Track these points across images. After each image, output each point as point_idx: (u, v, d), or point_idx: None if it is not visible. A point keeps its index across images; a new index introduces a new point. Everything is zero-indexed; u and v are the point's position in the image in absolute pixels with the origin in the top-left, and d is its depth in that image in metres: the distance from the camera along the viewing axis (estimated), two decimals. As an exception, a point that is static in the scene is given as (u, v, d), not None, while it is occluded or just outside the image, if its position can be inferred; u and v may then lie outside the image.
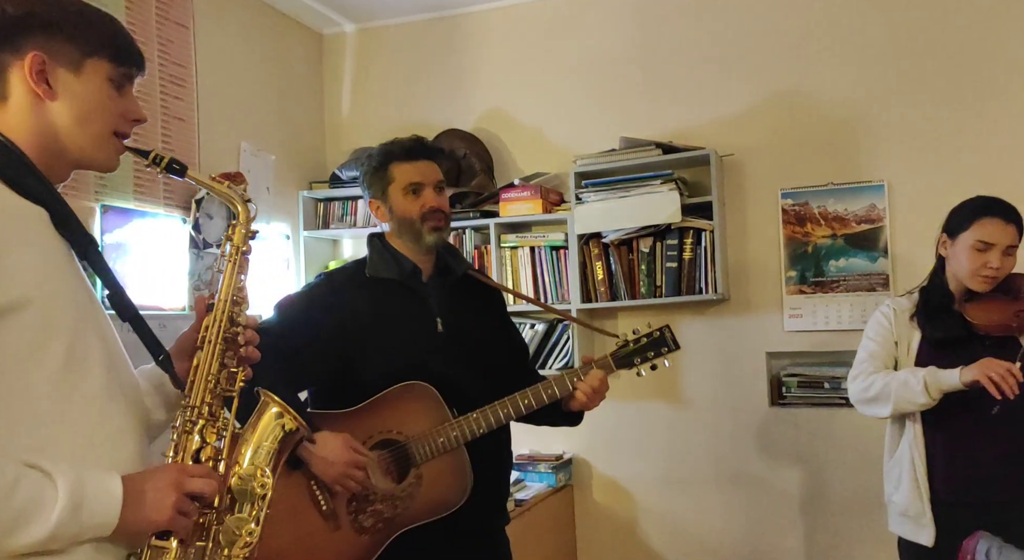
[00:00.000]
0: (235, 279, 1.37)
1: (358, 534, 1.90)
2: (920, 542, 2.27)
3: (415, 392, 1.96)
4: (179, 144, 3.17)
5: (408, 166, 2.07)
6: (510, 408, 1.98)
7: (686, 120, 3.54)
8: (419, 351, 2.01)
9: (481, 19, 3.88)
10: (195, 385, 1.29)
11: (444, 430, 1.94)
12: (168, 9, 3.17)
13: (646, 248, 3.40)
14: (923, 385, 2.18)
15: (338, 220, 3.88)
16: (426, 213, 2.04)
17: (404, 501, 1.92)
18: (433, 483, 1.94)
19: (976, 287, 2.28)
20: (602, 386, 2.04)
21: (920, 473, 2.27)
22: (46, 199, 1.20)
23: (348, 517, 1.90)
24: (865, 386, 2.33)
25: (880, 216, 3.29)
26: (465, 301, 2.14)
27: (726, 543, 3.47)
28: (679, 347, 2.13)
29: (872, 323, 2.45)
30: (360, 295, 2.04)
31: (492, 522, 2.13)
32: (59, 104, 1.21)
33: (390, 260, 2.08)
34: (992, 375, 2.06)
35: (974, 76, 3.21)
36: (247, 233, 1.40)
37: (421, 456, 1.93)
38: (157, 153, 1.34)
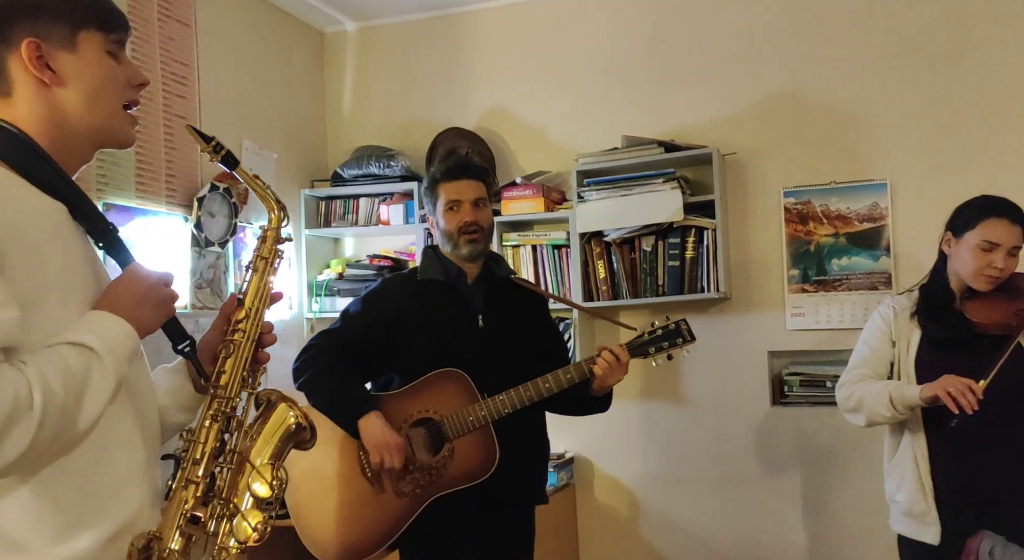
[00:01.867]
0: (267, 279, 1.40)
1: (399, 498, 2.23)
2: (925, 541, 2.26)
3: (450, 377, 2.26)
4: (181, 142, 3.16)
5: (449, 186, 2.38)
6: (532, 390, 2.24)
7: (688, 119, 3.53)
8: (459, 342, 2.31)
9: (483, 17, 3.87)
10: (226, 375, 1.31)
11: (473, 410, 2.23)
12: (170, 7, 3.16)
13: (648, 247, 3.40)
14: (889, 400, 2.22)
15: (340, 218, 3.88)
16: (462, 227, 2.34)
17: (438, 471, 2.23)
18: (464, 456, 2.23)
19: (979, 286, 2.28)
20: (614, 360, 2.24)
21: (923, 472, 2.27)
22: (64, 191, 1.20)
23: (391, 482, 2.23)
24: (847, 396, 2.36)
25: (882, 215, 3.29)
26: (508, 303, 2.43)
27: (727, 542, 3.47)
28: (694, 339, 2.34)
29: (869, 325, 2.46)
30: (411, 295, 2.37)
31: (523, 499, 2.40)
32: (64, 87, 1.20)
33: (439, 265, 2.39)
34: (951, 390, 2.08)
35: (977, 75, 3.20)
36: (277, 237, 1.43)
37: (453, 432, 2.24)
38: (219, 142, 1.37)
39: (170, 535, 1.19)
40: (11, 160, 1.17)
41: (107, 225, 1.25)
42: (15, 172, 1.16)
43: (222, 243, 3.29)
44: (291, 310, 3.76)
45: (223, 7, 3.47)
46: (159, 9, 3.10)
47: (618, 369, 2.26)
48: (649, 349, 2.31)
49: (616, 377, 2.27)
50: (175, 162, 3.15)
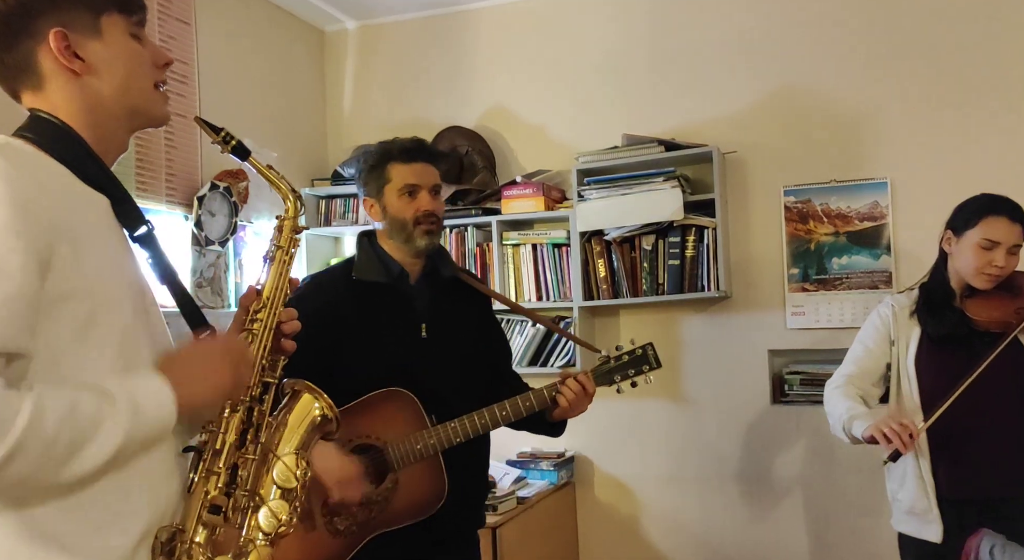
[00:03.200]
0: (286, 271, 1.38)
1: (332, 536, 1.92)
2: (928, 539, 2.26)
3: (395, 399, 1.98)
4: (181, 141, 3.17)
5: (405, 168, 2.08)
6: (487, 419, 2.00)
7: (689, 117, 3.53)
8: (401, 357, 2.03)
9: (483, 16, 3.87)
10: None
11: (422, 437, 1.96)
12: (170, 5, 3.16)
13: (648, 245, 3.39)
14: (843, 428, 2.27)
15: (340, 217, 3.88)
16: (420, 216, 2.05)
17: (380, 505, 1.95)
18: (409, 488, 1.96)
19: (979, 285, 2.28)
20: (584, 394, 2.04)
21: (924, 470, 2.27)
22: (106, 185, 1.19)
23: (323, 519, 1.92)
24: (827, 397, 2.40)
25: (883, 213, 3.28)
26: (452, 305, 2.15)
27: (728, 541, 3.47)
28: (660, 365, 2.13)
29: (867, 324, 2.47)
30: (346, 297, 2.06)
31: (466, 525, 2.16)
32: (95, 76, 1.18)
33: (377, 262, 2.09)
34: (885, 430, 2.10)
35: (977, 73, 3.20)
36: (294, 226, 1.41)
37: (398, 462, 1.96)
38: (228, 132, 1.35)
39: (191, 526, 1.16)
40: (57, 152, 1.15)
41: (146, 222, 1.23)
42: (62, 164, 1.15)
43: (222, 242, 3.29)
44: (291, 309, 3.75)
45: (223, 5, 3.47)
46: (159, 7, 3.10)
47: (584, 400, 2.05)
48: (615, 377, 2.09)
49: (582, 408, 2.06)
50: (175, 160, 3.15)
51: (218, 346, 1.19)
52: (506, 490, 3.19)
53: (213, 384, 1.16)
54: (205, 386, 1.15)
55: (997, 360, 2.17)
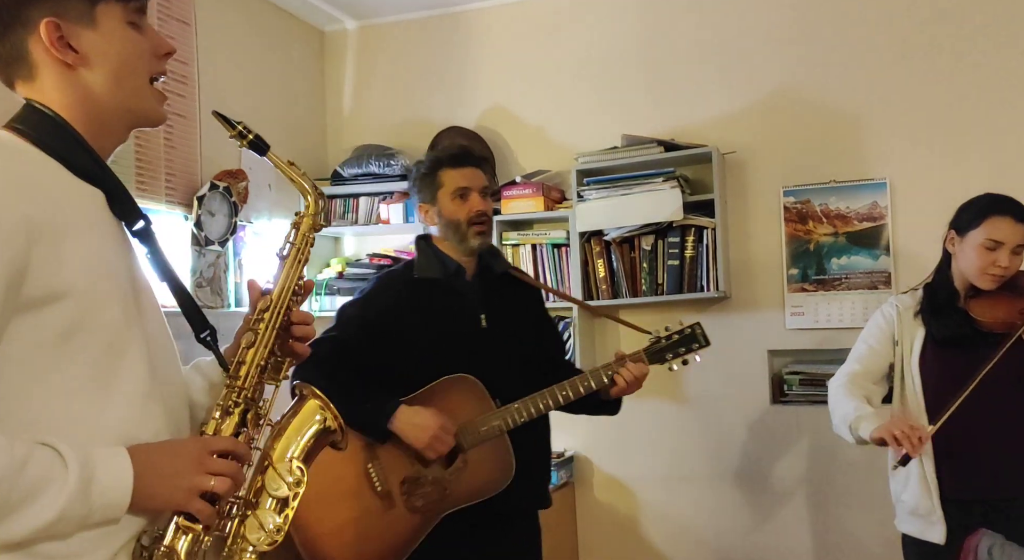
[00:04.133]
0: (298, 268, 1.33)
1: (410, 513, 2.10)
2: (931, 540, 2.25)
3: (462, 384, 2.14)
4: (181, 141, 3.17)
5: (456, 172, 2.24)
6: (549, 399, 2.14)
7: (688, 118, 3.53)
8: (464, 345, 2.19)
9: (483, 16, 3.87)
10: (244, 366, 1.22)
11: (488, 419, 2.11)
12: (170, 6, 3.16)
13: (648, 246, 3.40)
14: (849, 428, 2.26)
15: (340, 217, 3.88)
16: (472, 217, 2.21)
17: (452, 484, 2.10)
18: (478, 468, 2.12)
19: (983, 285, 2.28)
20: (641, 374, 2.19)
21: (928, 471, 2.26)
22: (101, 178, 1.14)
23: (401, 497, 2.10)
24: (831, 394, 2.39)
25: (882, 214, 3.29)
26: (506, 298, 2.31)
27: (727, 541, 3.47)
28: (709, 343, 2.28)
29: (870, 324, 2.46)
30: (409, 295, 2.23)
31: (532, 505, 2.30)
32: (89, 68, 1.13)
33: (435, 261, 2.25)
34: (896, 433, 2.10)
35: (976, 73, 3.20)
36: (314, 224, 1.37)
37: (467, 443, 2.11)
38: (245, 126, 1.30)
39: (172, 533, 1.10)
40: (47, 145, 1.10)
41: (141, 216, 1.18)
42: (51, 157, 1.10)
43: (222, 242, 3.29)
44: (291, 309, 3.75)
45: (223, 6, 3.47)
46: (159, 8, 3.10)
47: (641, 379, 2.20)
48: (667, 355, 2.23)
49: (635, 388, 2.20)
50: (175, 160, 3.15)
51: (195, 450, 1.11)
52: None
53: (173, 489, 1.07)
54: (166, 488, 1.07)
55: (1002, 361, 2.16)
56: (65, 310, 1.03)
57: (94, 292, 1.06)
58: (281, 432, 1.25)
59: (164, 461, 1.07)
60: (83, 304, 1.05)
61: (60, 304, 1.03)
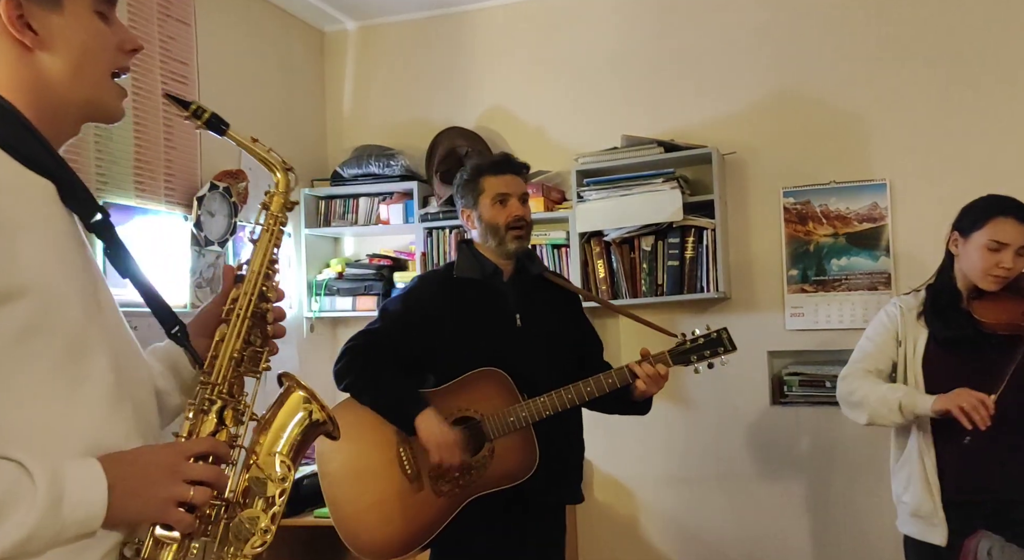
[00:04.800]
0: (269, 251, 1.26)
1: (437, 497, 2.21)
2: (933, 542, 2.25)
3: (490, 376, 2.25)
4: (180, 141, 3.17)
5: (496, 179, 2.35)
6: (574, 394, 2.22)
7: (688, 118, 3.53)
8: (498, 342, 2.29)
9: (483, 17, 3.87)
10: (218, 361, 1.16)
11: (514, 410, 2.21)
12: (170, 6, 3.16)
13: (648, 246, 3.40)
14: (898, 406, 2.22)
15: (339, 218, 3.88)
16: (511, 222, 2.32)
17: (478, 471, 2.21)
18: (503, 457, 2.22)
19: (987, 286, 2.27)
20: (657, 374, 2.25)
21: (931, 473, 2.26)
22: (52, 169, 1.05)
23: (429, 481, 2.22)
24: (850, 390, 2.35)
25: (882, 215, 3.29)
26: (542, 299, 2.40)
27: (727, 542, 3.47)
28: (735, 349, 2.31)
29: (874, 322, 2.45)
30: (448, 294, 2.35)
31: (559, 498, 2.39)
32: (48, 51, 1.05)
33: (475, 263, 2.37)
34: (964, 405, 2.08)
35: (976, 74, 3.20)
36: (285, 203, 1.28)
37: (494, 432, 2.22)
38: (199, 105, 1.21)
39: (151, 546, 1.03)
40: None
41: (98, 208, 1.10)
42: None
43: (222, 242, 3.29)
44: (291, 309, 3.76)
45: (223, 6, 3.47)
46: (159, 8, 3.10)
47: (660, 379, 2.26)
48: (692, 357, 2.30)
49: (657, 387, 2.27)
50: (174, 161, 3.15)
51: (170, 458, 1.04)
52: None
53: (148, 500, 1.00)
54: (141, 500, 1.00)
55: (1005, 363, 2.15)
56: (21, 310, 0.97)
57: (52, 290, 1.00)
58: (266, 427, 1.19)
59: (137, 471, 1.00)
60: (41, 303, 0.98)
61: (16, 304, 0.96)
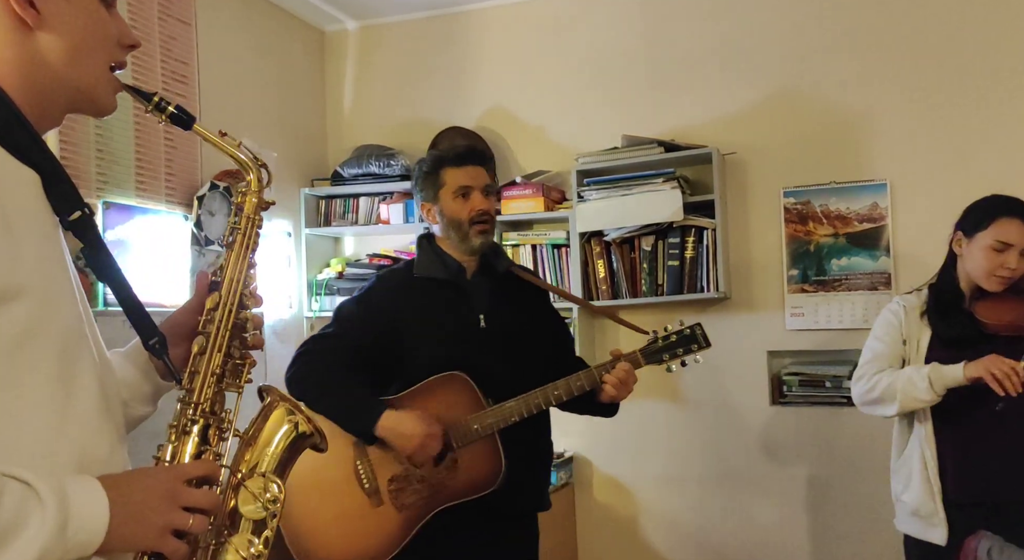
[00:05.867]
0: (246, 255, 1.18)
1: (398, 511, 2.07)
2: (932, 541, 2.25)
3: (453, 382, 2.11)
4: (180, 141, 3.17)
5: (458, 171, 2.20)
6: (540, 398, 2.10)
7: (688, 118, 3.53)
8: (461, 345, 2.16)
9: (483, 17, 3.87)
10: (199, 377, 1.09)
11: (479, 418, 2.07)
12: (170, 5, 3.16)
13: (648, 246, 3.40)
14: (928, 382, 2.17)
15: (340, 217, 3.88)
16: (474, 216, 2.17)
17: (441, 482, 2.07)
18: (468, 466, 2.08)
19: (991, 287, 2.26)
20: (628, 377, 2.14)
21: (931, 472, 2.25)
22: (37, 159, 0.99)
23: (389, 495, 2.07)
24: (869, 387, 2.31)
25: (882, 215, 3.29)
26: (508, 297, 2.27)
27: (726, 541, 3.47)
28: (710, 345, 2.23)
29: (880, 322, 2.43)
30: (409, 294, 2.20)
31: (527, 506, 2.26)
32: (48, 32, 0.99)
33: (436, 260, 2.22)
34: (995, 372, 2.06)
35: (976, 74, 3.20)
36: (260, 203, 1.21)
37: (457, 441, 2.07)
38: (161, 97, 1.13)
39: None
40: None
41: (82, 206, 1.03)
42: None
43: (222, 242, 3.29)
44: (291, 309, 3.76)
45: (224, 6, 3.47)
46: (159, 8, 3.10)
47: (629, 382, 2.15)
48: (663, 356, 2.20)
49: (627, 391, 2.15)
50: (175, 160, 3.15)
51: (167, 482, 0.98)
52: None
53: (146, 528, 0.94)
54: (138, 527, 0.93)
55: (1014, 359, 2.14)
56: (21, 311, 0.91)
57: (48, 292, 0.95)
58: (249, 444, 1.12)
59: (135, 496, 0.94)
60: (38, 305, 0.93)
61: (15, 304, 0.90)
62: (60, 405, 0.96)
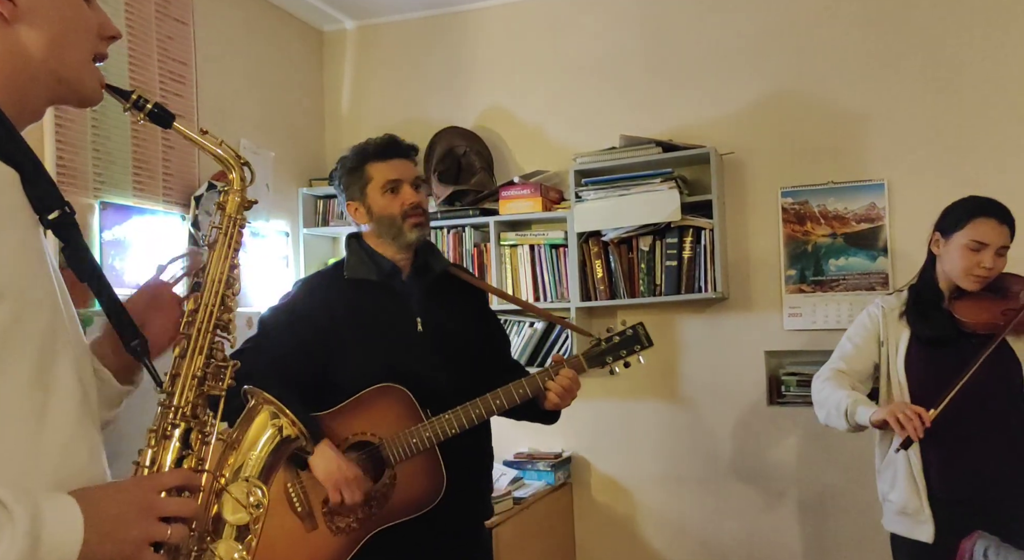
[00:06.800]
0: (229, 256, 1.15)
1: (333, 534, 1.93)
2: (920, 539, 2.28)
3: (389, 394, 1.98)
4: (178, 141, 3.16)
5: (383, 165, 2.08)
6: (482, 408, 2.00)
7: (686, 118, 3.53)
8: (399, 352, 2.03)
9: (482, 16, 3.87)
10: (180, 379, 1.07)
11: (417, 431, 1.96)
12: (168, 5, 3.16)
13: (646, 246, 3.40)
14: (845, 413, 2.28)
15: (338, 217, 3.88)
16: (407, 210, 2.05)
17: (379, 501, 1.95)
18: (407, 483, 1.96)
19: (968, 286, 2.31)
20: (572, 385, 2.05)
21: (916, 470, 2.29)
22: (16, 156, 0.96)
23: (323, 517, 1.93)
24: (818, 388, 2.41)
25: (880, 215, 3.29)
26: (445, 298, 2.14)
27: (724, 541, 3.47)
28: (652, 344, 2.14)
29: (855, 324, 2.49)
30: (339, 298, 2.06)
31: (472, 518, 2.15)
32: (26, 24, 0.98)
33: (368, 261, 2.09)
34: (899, 416, 2.12)
35: (974, 75, 3.20)
36: (243, 202, 1.19)
37: (395, 457, 1.96)
38: (140, 95, 1.11)
39: None
40: None
41: (62, 205, 1.00)
42: None
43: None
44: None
45: (221, 5, 3.47)
46: (157, 7, 3.10)
47: (573, 389, 2.05)
48: (607, 358, 2.11)
49: (571, 398, 2.06)
50: (172, 161, 3.15)
51: (142, 494, 0.95)
52: (503, 490, 3.19)
53: (121, 543, 0.91)
54: (113, 543, 0.91)
55: (987, 361, 2.18)
56: (2, 310, 0.89)
57: (26, 292, 0.92)
58: (232, 448, 1.10)
59: (111, 511, 0.91)
60: (15, 307, 0.90)
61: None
62: (38, 411, 0.93)
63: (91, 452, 1.01)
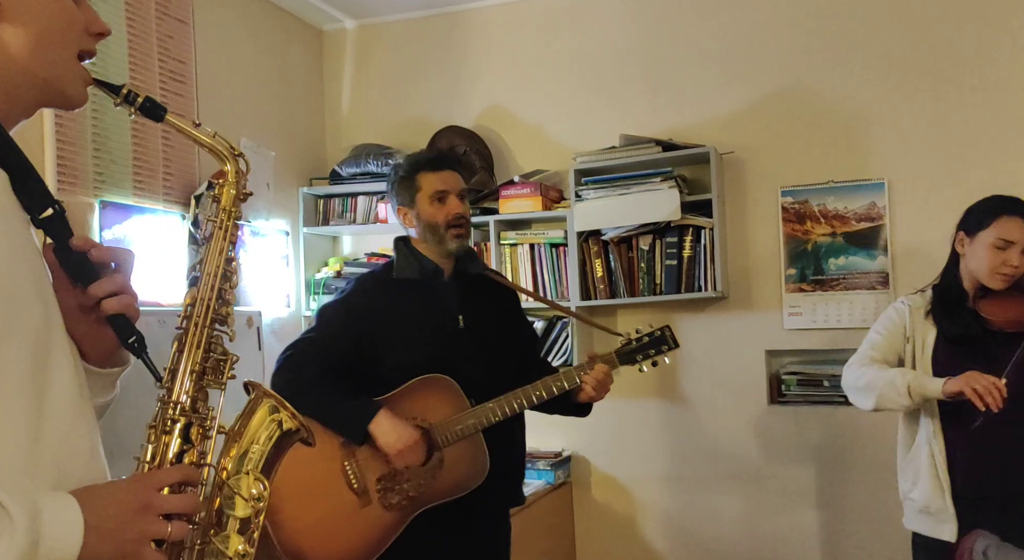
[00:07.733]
0: (225, 249, 1.15)
1: (385, 510, 2.12)
2: (942, 538, 2.27)
3: (437, 383, 2.17)
4: (178, 140, 3.16)
5: (434, 175, 2.26)
6: (523, 398, 2.17)
7: (686, 117, 3.53)
8: (442, 346, 2.22)
9: (482, 16, 3.87)
10: (179, 374, 1.07)
11: (463, 418, 2.14)
12: (168, 4, 3.16)
13: (646, 246, 3.40)
14: (907, 389, 2.23)
15: (338, 217, 3.88)
16: (450, 220, 2.24)
17: (427, 481, 2.13)
18: (453, 466, 2.15)
19: (994, 285, 2.31)
20: (606, 379, 2.22)
21: (941, 468, 2.28)
22: (4, 156, 0.96)
23: (377, 494, 2.12)
24: (858, 375, 2.37)
25: (880, 214, 3.29)
26: (482, 299, 2.34)
27: (724, 541, 3.47)
28: (678, 345, 2.31)
29: (882, 318, 2.48)
30: (388, 296, 2.26)
31: (505, 503, 2.35)
32: (10, 23, 0.96)
33: (414, 262, 2.28)
34: (977, 387, 2.09)
35: (974, 73, 3.20)
36: (238, 194, 1.18)
37: (443, 441, 2.14)
38: (131, 89, 1.09)
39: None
40: None
41: (54, 203, 1.00)
42: None
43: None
44: (289, 308, 3.76)
45: (221, 5, 3.47)
46: (157, 6, 3.10)
47: (606, 383, 2.23)
48: (637, 356, 2.28)
49: (604, 392, 2.23)
50: (172, 160, 3.15)
51: (140, 493, 0.95)
52: (503, 490, 3.19)
53: (121, 543, 0.91)
54: (114, 543, 0.91)
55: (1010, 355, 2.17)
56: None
57: (16, 292, 0.92)
58: (234, 441, 1.10)
59: (111, 510, 0.91)
60: (6, 306, 0.89)
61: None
62: (35, 409, 0.93)
63: (90, 447, 1.01)
